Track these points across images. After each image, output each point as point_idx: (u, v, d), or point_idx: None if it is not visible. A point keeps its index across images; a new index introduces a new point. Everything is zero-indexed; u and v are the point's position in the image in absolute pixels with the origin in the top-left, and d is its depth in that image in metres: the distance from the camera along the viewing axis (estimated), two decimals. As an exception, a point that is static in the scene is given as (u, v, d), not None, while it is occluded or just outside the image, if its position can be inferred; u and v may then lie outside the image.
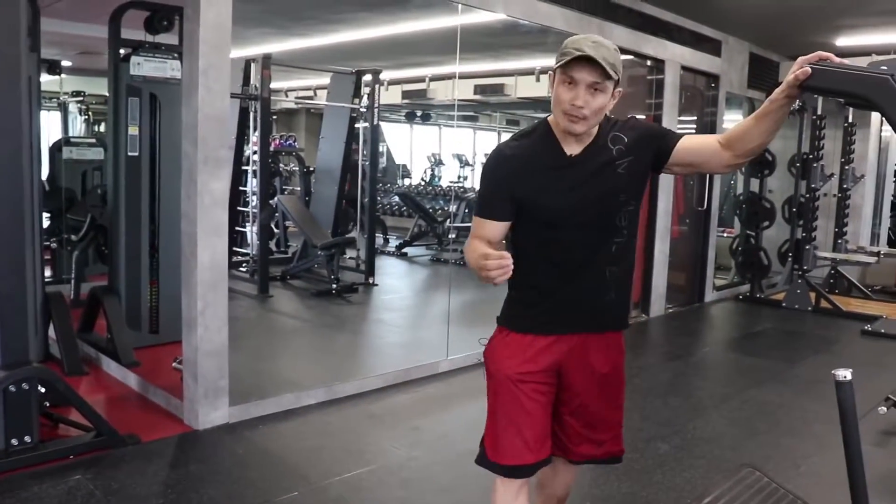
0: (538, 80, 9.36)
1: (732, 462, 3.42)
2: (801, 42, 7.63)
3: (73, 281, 5.98)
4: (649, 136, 1.95)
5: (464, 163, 13.94)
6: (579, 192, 1.91)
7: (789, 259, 7.58)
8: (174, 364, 4.25)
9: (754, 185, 7.99)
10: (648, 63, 6.52)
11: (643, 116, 6.63)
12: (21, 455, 3.11)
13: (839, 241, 7.97)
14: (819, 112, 7.20)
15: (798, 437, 3.90)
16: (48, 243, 6.24)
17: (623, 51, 5.86)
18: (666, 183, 6.68)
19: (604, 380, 2.08)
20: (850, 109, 7.59)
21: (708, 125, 7.43)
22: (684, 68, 6.77)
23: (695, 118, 7.39)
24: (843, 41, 7.34)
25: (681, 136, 1.94)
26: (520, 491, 2.03)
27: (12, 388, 3.08)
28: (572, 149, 1.91)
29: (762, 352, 5.84)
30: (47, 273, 5.67)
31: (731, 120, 8.50)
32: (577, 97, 1.79)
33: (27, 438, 3.14)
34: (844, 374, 1.63)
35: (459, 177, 13.78)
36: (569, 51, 1.78)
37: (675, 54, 6.61)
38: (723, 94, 7.40)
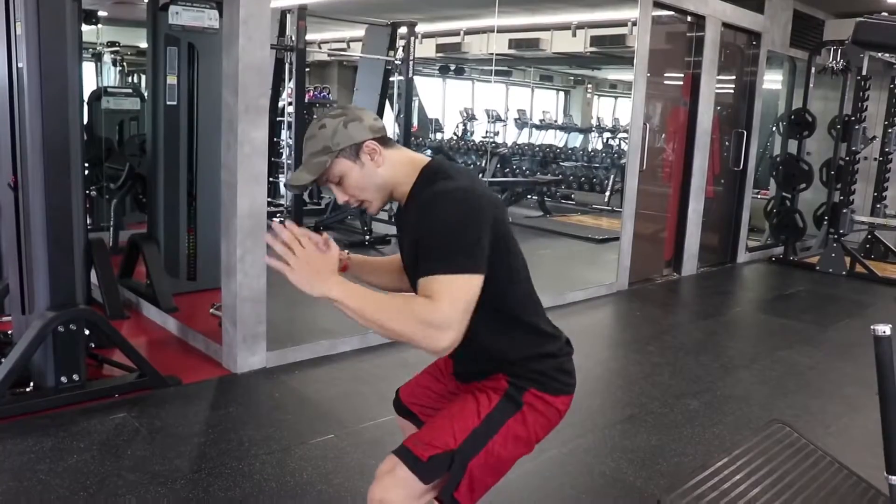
0: (574, 35, 9.24)
1: (761, 419, 3.44)
2: (847, -1, 7.43)
3: (111, 229, 6.10)
4: (420, 234, 1.55)
5: (494, 118, 13.81)
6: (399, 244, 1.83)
7: (825, 222, 7.48)
8: (211, 310, 4.37)
9: (792, 146, 7.85)
10: (689, 19, 6.39)
11: (681, 75, 6.51)
12: (70, 392, 3.24)
13: (878, 205, 7.84)
14: (864, 72, 7.00)
15: (828, 398, 3.91)
16: (87, 192, 6.35)
17: (663, 6, 5.91)
18: (702, 141, 6.60)
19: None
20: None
21: (747, 85, 7.30)
22: (725, 25, 6.62)
23: (734, 77, 7.25)
24: (893, -1, 7.13)
25: (428, 274, 1.47)
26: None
27: (61, 329, 3.20)
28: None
29: (794, 314, 5.81)
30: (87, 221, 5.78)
31: (771, 80, 8.32)
32: (338, 196, 1.68)
33: (75, 377, 3.27)
34: (884, 329, 1.62)
35: (487, 132, 13.68)
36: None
37: (717, 10, 6.47)
38: (764, 53, 7.23)
